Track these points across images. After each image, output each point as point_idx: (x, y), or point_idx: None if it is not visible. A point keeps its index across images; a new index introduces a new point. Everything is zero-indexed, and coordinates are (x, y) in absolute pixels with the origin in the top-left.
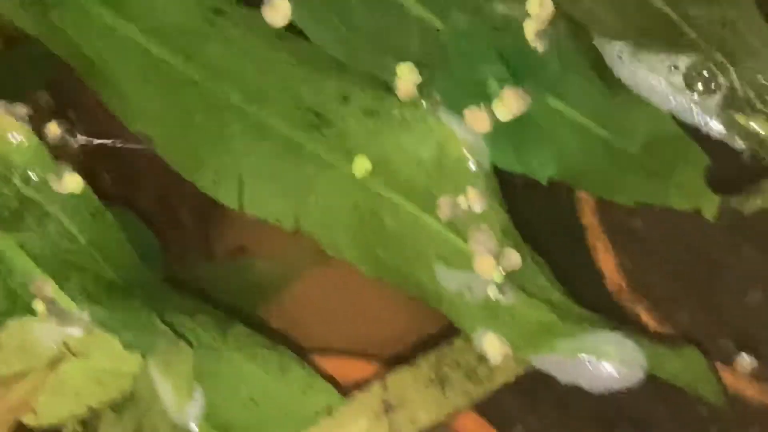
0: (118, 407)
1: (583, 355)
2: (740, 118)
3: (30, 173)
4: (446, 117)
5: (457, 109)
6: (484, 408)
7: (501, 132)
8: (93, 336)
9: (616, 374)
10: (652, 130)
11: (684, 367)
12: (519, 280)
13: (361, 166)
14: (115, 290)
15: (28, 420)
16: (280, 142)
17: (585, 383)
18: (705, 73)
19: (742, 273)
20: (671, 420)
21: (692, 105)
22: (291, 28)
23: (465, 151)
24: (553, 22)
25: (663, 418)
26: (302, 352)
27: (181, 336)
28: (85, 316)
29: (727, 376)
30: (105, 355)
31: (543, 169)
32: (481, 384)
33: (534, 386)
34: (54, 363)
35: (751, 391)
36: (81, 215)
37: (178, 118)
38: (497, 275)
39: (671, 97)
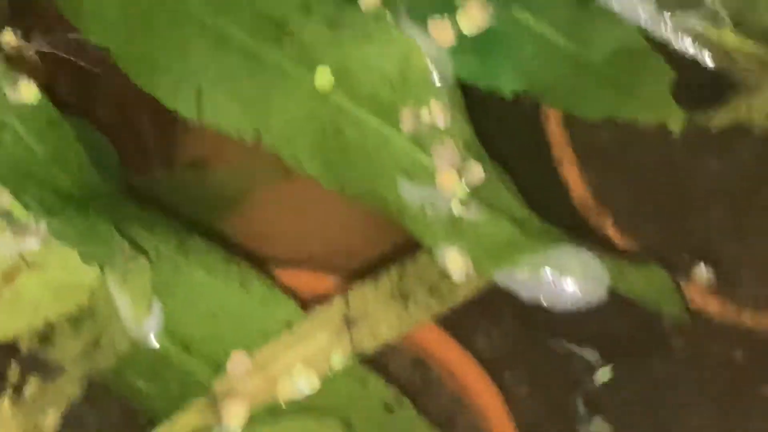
0: (75, 321)
1: (546, 270)
2: (709, 33)
3: None
4: (410, 29)
5: (421, 20)
6: (446, 322)
7: (465, 45)
8: (50, 248)
9: (578, 292)
10: (618, 43)
11: (647, 283)
12: (482, 195)
13: (323, 78)
14: (72, 201)
15: None
16: (240, 52)
17: (547, 300)
18: None
19: (707, 187)
20: (635, 333)
21: (661, 18)
22: None
23: (429, 63)
24: None
25: (626, 332)
26: (263, 266)
27: (139, 249)
28: (41, 227)
29: (689, 291)
30: (62, 267)
31: (508, 82)
32: (444, 299)
33: (496, 301)
34: (10, 275)
35: (713, 305)
36: (37, 125)
37: (136, 27)
38: (460, 190)
39: (641, 10)
